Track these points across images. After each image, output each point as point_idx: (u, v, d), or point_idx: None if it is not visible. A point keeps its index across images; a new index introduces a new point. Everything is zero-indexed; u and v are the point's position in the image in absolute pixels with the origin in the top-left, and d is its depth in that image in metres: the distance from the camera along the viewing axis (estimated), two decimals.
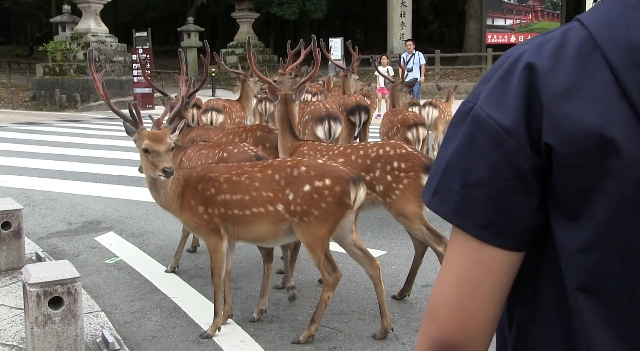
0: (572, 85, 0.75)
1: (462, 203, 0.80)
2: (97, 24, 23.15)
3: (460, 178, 0.80)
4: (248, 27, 30.53)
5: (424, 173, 3.87)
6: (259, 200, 3.42)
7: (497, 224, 0.79)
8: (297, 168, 3.43)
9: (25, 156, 10.22)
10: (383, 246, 5.29)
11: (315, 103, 6.02)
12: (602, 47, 0.75)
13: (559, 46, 0.78)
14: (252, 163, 3.72)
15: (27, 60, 37.18)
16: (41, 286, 3.23)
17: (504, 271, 0.81)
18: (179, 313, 3.99)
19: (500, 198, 0.78)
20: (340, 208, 3.37)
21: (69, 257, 5.15)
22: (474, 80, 23.00)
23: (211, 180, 3.53)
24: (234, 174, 3.52)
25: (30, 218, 6.16)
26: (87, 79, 22.12)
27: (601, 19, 0.77)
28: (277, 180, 3.42)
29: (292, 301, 4.10)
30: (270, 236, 3.53)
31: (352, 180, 3.40)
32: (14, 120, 17.19)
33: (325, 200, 3.34)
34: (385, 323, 3.58)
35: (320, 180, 3.36)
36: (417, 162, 3.93)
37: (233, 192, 3.47)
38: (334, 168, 3.44)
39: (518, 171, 0.77)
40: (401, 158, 3.93)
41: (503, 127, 0.77)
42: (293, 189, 3.38)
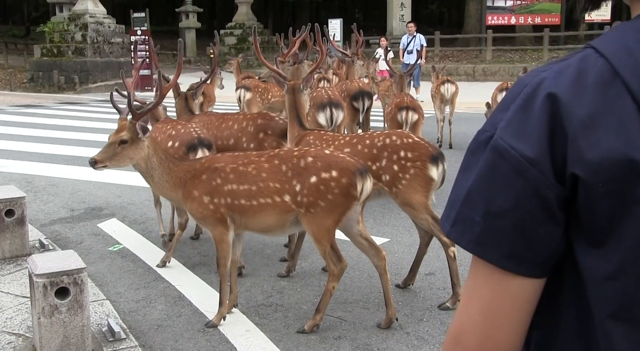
0: (596, 113, 0.74)
1: (484, 234, 0.80)
2: (95, 4, 22.96)
3: (482, 208, 0.80)
4: (247, 8, 30.26)
5: (431, 163, 3.89)
6: (266, 190, 3.43)
7: (522, 254, 0.79)
8: (304, 159, 3.42)
9: (25, 140, 10.20)
10: (385, 233, 5.31)
11: (317, 90, 6.00)
12: (622, 75, 0.75)
13: (579, 74, 0.77)
14: (259, 153, 3.71)
15: (24, 40, 36.91)
16: (47, 277, 3.24)
17: (528, 299, 0.81)
18: (184, 302, 4.02)
19: (524, 229, 0.78)
20: (347, 200, 3.38)
21: (73, 244, 5.16)
22: (473, 62, 22.90)
23: (217, 170, 3.53)
24: (240, 164, 3.52)
25: (33, 204, 6.16)
26: (85, 61, 22.00)
27: (618, 46, 0.77)
28: (284, 170, 3.42)
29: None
30: (277, 226, 3.54)
31: (359, 171, 3.40)
32: (13, 103, 17.12)
33: (332, 192, 3.34)
34: (390, 313, 3.61)
35: (327, 171, 3.36)
36: (424, 152, 3.93)
37: (240, 182, 3.47)
38: (341, 159, 3.44)
39: (543, 201, 0.77)
40: (408, 148, 3.94)
41: (526, 158, 0.77)
42: (300, 180, 3.38)
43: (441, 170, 3.93)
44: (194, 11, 31.40)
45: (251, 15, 30.45)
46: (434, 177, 3.89)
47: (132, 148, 3.62)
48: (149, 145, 3.64)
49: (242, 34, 29.39)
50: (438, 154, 3.96)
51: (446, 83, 9.38)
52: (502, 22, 25.10)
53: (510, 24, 25.26)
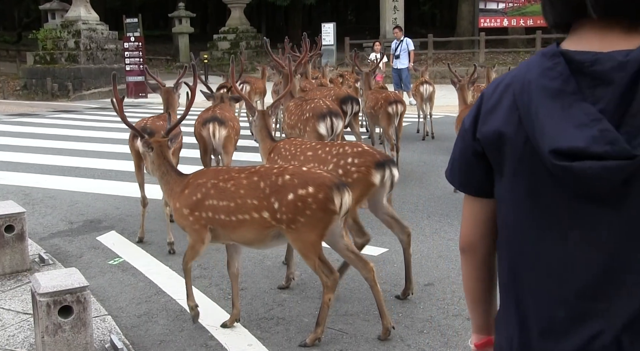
0: (494, 106, 1.27)
1: (452, 172, 1.42)
2: (88, 11, 22.92)
3: (452, 158, 1.41)
4: (240, 12, 30.29)
5: (375, 168, 4.13)
6: (244, 207, 3.52)
7: (467, 182, 1.38)
8: (282, 177, 3.49)
9: (20, 151, 10.19)
10: (384, 243, 5.34)
11: (315, 101, 6.04)
12: (512, 84, 1.23)
13: (499, 82, 1.28)
14: (240, 168, 3.78)
15: (15, 46, 36.80)
16: (51, 296, 3.27)
17: (485, 212, 1.38)
18: (185, 316, 4.04)
19: (465, 167, 1.37)
20: (326, 215, 3.44)
21: (72, 258, 5.18)
22: (466, 65, 22.95)
23: (199, 185, 3.68)
24: (221, 180, 3.63)
25: (31, 218, 6.17)
26: (78, 68, 21.97)
27: (522, 65, 1.25)
28: (262, 187, 3.50)
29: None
30: (257, 241, 3.63)
31: (335, 186, 3.46)
32: (7, 111, 17.07)
33: (310, 207, 3.40)
34: (386, 323, 3.66)
35: (303, 187, 3.42)
36: (369, 158, 4.17)
37: (220, 198, 3.58)
38: (317, 176, 3.50)
39: (472, 151, 1.33)
40: (356, 155, 4.20)
41: (465, 128, 1.34)
42: (278, 198, 3.45)
43: (388, 174, 4.17)
44: (186, 16, 31.38)
45: (244, 20, 30.48)
46: (375, 182, 4.14)
47: (146, 161, 4.22)
48: (155, 159, 3.96)
49: (235, 38, 29.40)
50: (384, 161, 4.20)
51: (424, 84, 10.94)
52: (494, 25, 25.22)
53: (503, 26, 25.38)
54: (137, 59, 20.96)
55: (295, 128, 6.00)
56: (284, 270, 4.72)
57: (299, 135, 5.95)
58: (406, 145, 9.80)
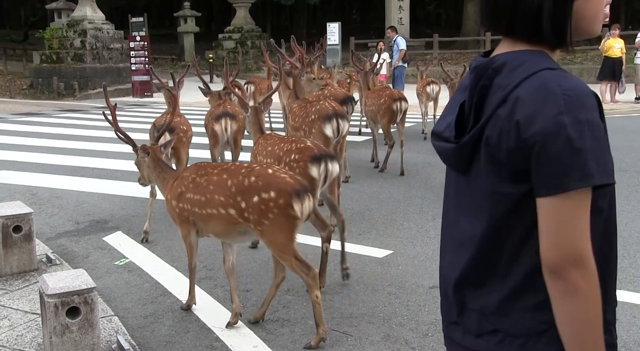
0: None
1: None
2: (94, 10, 22.99)
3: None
4: (245, 11, 30.33)
5: (311, 163, 4.42)
6: (212, 202, 3.69)
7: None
8: (248, 178, 3.59)
9: (27, 150, 10.24)
10: (389, 245, 5.36)
11: (320, 102, 6.05)
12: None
13: None
14: (217, 165, 3.99)
15: (22, 45, 36.95)
16: (59, 297, 3.30)
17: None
18: (191, 317, 4.07)
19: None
20: (288, 220, 3.50)
21: (79, 258, 5.21)
22: None
23: (183, 178, 3.91)
24: (199, 175, 3.84)
25: (38, 217, 6.20)
26: (84, 67, 22.06)
27: None
28: (229, 185, 3.63)
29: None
30: (227, 234, 3.80)
31: (296, 192, 3.50)
32: (13, 111, 17.15)
33: (272, 211, 3.48)
34: (320, 331, 3.62)
35: (266, 191, 3.51)
36: (307, 154, 4.45)
37: (194, 192, 3.79)
38: (280, 180, 3.55)
39: None
40: (297, 151, 4.51)
41: None
42: (244, 198, 3.56)
43: (323, 168, 4.43)
44: (192, 15, 31.45)
45: (249, 19, 30.52)
46: (313, 175, 4.41)
47: (141, 167, 4.30)
48: (150, 163, 4.22)
49: (240, 37, 29.45)
50: (321, 155, 4.45)
51: (431, 84, 11.32)
52: None
53: None
54: (143, 58, 21.02)
55: (300, 130, 6.02)
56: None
57: (303, 137, 5.97)
58: (411, 146, 9.82)
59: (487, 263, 1.35)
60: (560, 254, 1.22)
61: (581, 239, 1.21)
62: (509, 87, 1.27)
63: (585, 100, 1.22)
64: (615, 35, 15.58)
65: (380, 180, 7.96)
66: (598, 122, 1.22)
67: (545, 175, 1.22)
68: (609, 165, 1.23)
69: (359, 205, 6.76)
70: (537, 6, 1.29)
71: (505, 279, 1.33)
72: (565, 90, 1.21)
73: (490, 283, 1.35)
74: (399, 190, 7.41)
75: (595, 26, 1.35)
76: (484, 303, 1.37)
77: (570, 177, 1.19)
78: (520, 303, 1.32)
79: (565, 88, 1.22)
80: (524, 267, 1.30)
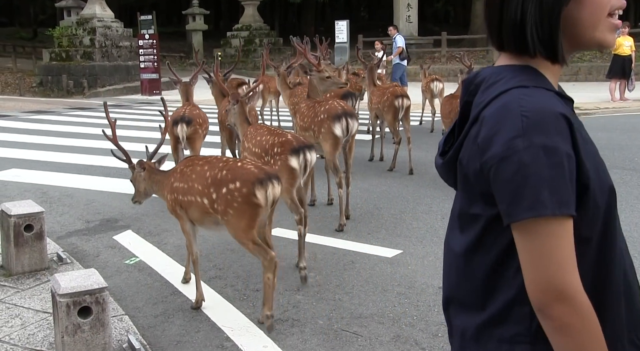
0: None
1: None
2: (103, 8, 23.08)
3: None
4: (253, 9, 30.34)
5: (290, 154, 4.72)
6: (192, 190, 3.98)
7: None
8: (221, 171, 3.86)
9: (37, 148, 10.30)
10: (398, 245, 5.36)
11: (329, 102, 6.05)
12: None
13: None
14: (203, 157, 4.22)
15: (31, 43, 37.11)
16: (70, 297, 3.32)
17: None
18: (202, 317, 4.08)
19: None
20: (251, 207, 3.76)
21: (90, 257, 5.24)
22: (481, 63, 22.87)
23: (175, 171, 4.21)
24: (187, 165, 4.13)
25: (49, 216, 6.23)
26: (93, 65, 22.14)
27: None
28: (207, 177, 3.91)
29: None
30: (200, 221, 4.07)
31: (259, 181, 3.76)
32: (23, 109, 17.24)
33: (237, 200, 3.75)
34: (266, 309, 3.88)
35: (232, 182, 3.78)
36: (287, 146, 4.76)
37: (180, 180, 4.08)
38: (245, 171, 3.82)
39: None
40: (278, 144, 4.82)
41: None
42: (215, 189, 3.83)
43: (302, 159, 4.73)
44: (200, 13, 31.51)
45: (257, 17, 30.53)
46: (294, 165, 4.71)
47: (138, 183, 4.51)
48: (146, 177, 4.44)
49: (248, 35, 29.46)
50: (299, 147, 4.75)
51: (435, 81, 11.72)
52: None
53: None
54: (152, 57, 21.07)
55: (309, 130, 6.01)
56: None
57: (313, 137, 5.97)
58: (418, 145, 9.80)
59: (469, 284, 1.30)
60: (540, 290, 1.12)
61: (561, 272, 1.11)
62: (481, 105, 1.21)
63: (547, 123, 1.11)
64: (625, 33, 15.49)
65: (389, 179, 7.95)
66: (557, 148, 1.10)
67: (501, 202, 1.15)
68: (565, 195, 1.10)
69: (368, 204, 6.76)
70: (520, 17, 1.19)
71: (485, 304, 1.27)
72: (525, 111, 1.12)
73: (471, 306, 1.30)
74: (408, 189, 7.40)
75: (599, 34, 1.22)
76: (465, 326, 1.31)
77: (521, 205, 1.11)
78: (497, 332, 1.24)
79: (527, 109, 1.13)
80: (504, 295, 1.23)
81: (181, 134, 6.56)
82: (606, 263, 1.22)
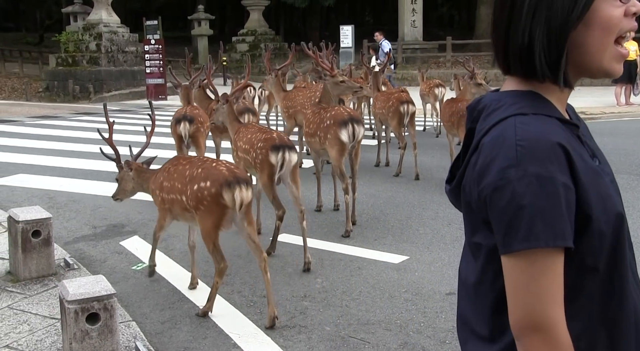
0: None
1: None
2: (109, 14, 23.20)
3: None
4: (258, 14, 30.44)
5: (271, 151, 5.01)
6: (174, 188, 4.19)
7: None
8: (197, 170, 4.08)
9: (44, 153, 10.33)
10: (405, 251, 5.35)
11: (335, 108, 6.05)
12: None
13: None
14: (188, 157, 4.50)
15: (37, 48, 37.28)
16: (79, 303, 3.33)
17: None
18: (209, 323, 4.09)
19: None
20: (219, 207, 3.94)
21: (97, 263, 5.26)
22: (485, 67, 22.84)
23: (163, 169, 4.41)
24: (173, 164, 4.34)
25: (56, 222, 6.24)
26: (99, 70, 22.24)
27: None
28: (186, 175, 4.12)
29: None
30: (181, 217, 4.29)
31: (227, 182, 3.92)
32: (30, 114, 17.32)
33: (206, 199, 3.94)
34: (270, 311, 4.01)
35: (204, 181, 3.98)
36: (269, 143, 5.06)
37: (166, 179, 4.29)
38: (216, 172, 4.01)
39: None
40: (263, 141, 5.12)
41: None
42: (191, 186, 4.03)
43: (280, 156, 5.00)
44: (206, 18, 31.60)
45: (263, 22, 30.61)
46: (272, 161, 5.01)
47: (124, 181, 4.65)
48: (134, 176, 4.60)
49: (254, 40, 29.54)
50: (280, 144, 5.03)
51: (439, 86, 11.99)
52: None
53: None
54: (157, 62, 21.15)
55: (315, 136, 6.01)
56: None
57: (319, 143, 5.97)
58: (425, 150, 9.80)
59: (480, 317, 1.26)
60: (519, 318, 1.11)
61: (543, 304, 1.09)
62: (481, 133, 1.19)
63: (542, 152, 1.09)
64: (630, 38, 15.45)
65: (395, 184, 7.95)
66: (552, 177, 1.08)
67: (496, 233, 1.13)
68: (560, 226, 1.08)
69: (374, 209, 6.75)
70: (527, 41, 1.16)
71: (494, 338, 1.23)
72: (521, 140, 1.10)
73: (482, 336, 1.26)
74: (414, 194, 7.40)
75: (606, 63, 1.18)
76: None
77: (515, 237, 1.09)
78: None
79: (522, 138, 1.10)
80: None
81: (184, 132, 6.86)
82: (617, 294, 1.19)
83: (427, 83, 12.28)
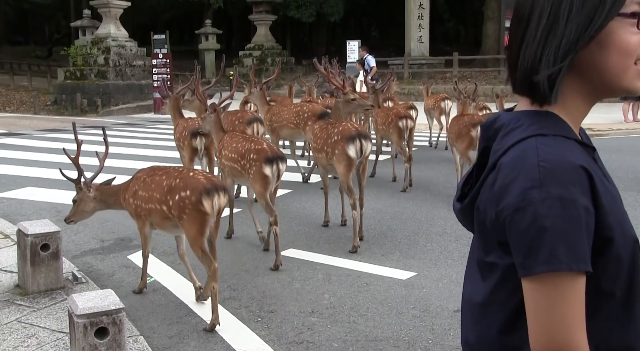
0: None
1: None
2: (117, 28, 23.39)
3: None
4: (265, 29, 30.62)
5: (264, 163, 5.24)
6: (152, 198, 4.37)
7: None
8: (175, 180, 4.25)
9: (52, 167, 10.36)
10: (412, 267, 5.34)
11: (343, 124, 6.08)
12: None
13: None
14: (164, 167, 4.61)
15: (46, 61, 37.58)
16: (87, 317, 3.33)
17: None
18: (216, 338, 4.08)
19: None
20: (200, 214, 4.12)
21: (105, 277, 5.26)
22: (492, 83, 22.93)
23: (137, 179, 4.57)
24: (149, 175, 4.50)
25: (64, 235, 6.21)
26: (107, 84, 22.39)
27: None
28: (164, 185, 4.30)
29: None
30: (161, 226, 4.47)
31: (206, 190, 4.11)
32: (38, 127, 17.42)
33: (188, 207, 4.13)
34: (214, 318, 4.17)
35: (184, 190, 4.16)
36: (262, 155, 5.28)
37: (142, 189, 4.46)
38: (195, 181, 4.20)
39: None
40: (255, 152, 5.33)
41: None
42: (171, 197, 4.21)
43: (275, 168, 5.23)
44: (213, 33, 31.80)
45: (270, 37, 30.78)
46: (267, 173, 5.22)
47: (83, 202, 4.80)
48: (97, 195, 4.79)
49: (261, 55, 29.69)
50: (273, 156, 5.26)
51: (445, 100, 12.08)
52: None
53: None
54: (165, 75, 21.28)
55: (322, 152, 6.03)
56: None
57: (326, 159, 5.99)
58: (432, 166, 9.81)
59: (487, 340, 1.23)
60: (542, 344, 1.08)
61: (567, 329, 1.07)
62: (499, 153, 1.17)
63: (565, 174, 1.07)
64: None
65: (402, 199, 7.95)
66: (575, 200, 1.06)
67: (516, 254, 1.11)
68: (581, 250, 1.06)
69: (382, 225, 6.75)
70: (538, 60, 1.15)
71: None
72: (543, 161, 1.08)
73: None
74: (421, 210, 7.39)
75: (626, 83, 1.16)
76: None
77: (536, 259, 1.06)
78: None
79: (544, 159, 1.09)
80: None
81: (199, 146, 7.09)
82: (634, 321, 1.17)
83: (433, 97, 12.46)
